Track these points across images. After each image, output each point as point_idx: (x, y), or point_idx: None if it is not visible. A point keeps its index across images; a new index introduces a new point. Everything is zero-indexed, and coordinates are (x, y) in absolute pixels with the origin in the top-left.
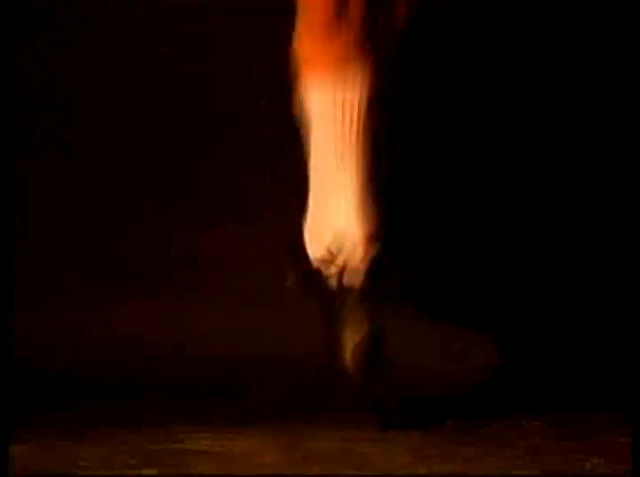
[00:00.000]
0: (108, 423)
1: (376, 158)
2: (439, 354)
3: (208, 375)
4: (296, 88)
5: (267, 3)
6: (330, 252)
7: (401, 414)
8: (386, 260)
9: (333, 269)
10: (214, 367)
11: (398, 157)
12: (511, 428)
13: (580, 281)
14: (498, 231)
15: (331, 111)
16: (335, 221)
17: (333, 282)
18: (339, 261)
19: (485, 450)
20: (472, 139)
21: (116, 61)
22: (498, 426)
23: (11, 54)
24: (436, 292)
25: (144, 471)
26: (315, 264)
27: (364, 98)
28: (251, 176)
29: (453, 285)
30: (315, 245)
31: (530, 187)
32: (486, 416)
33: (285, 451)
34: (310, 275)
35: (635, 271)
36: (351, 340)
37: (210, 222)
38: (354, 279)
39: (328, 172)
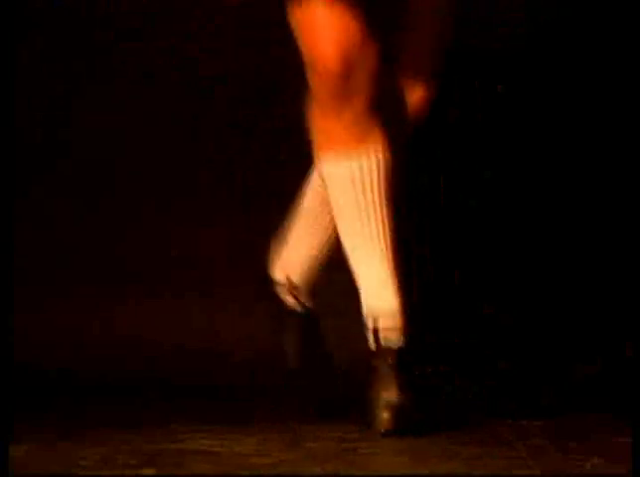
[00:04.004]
0: (108, 423)
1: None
2: (438, 354)
3: (208, 375)
4: (315, 158)
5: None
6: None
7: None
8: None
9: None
10: (214, 367)
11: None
12: (511, 428)
13: (581, 282)
14: (499, 232)
15: (349, 177)
16: (369, 290)
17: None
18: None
19: (485, 450)
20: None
21: (116, 61)
22: (498, 426)
23: (11, 54)
24: (436, 293)
25: (144, 471)
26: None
27: (382, 161)
28: (252, 176)
29: (453, 286)
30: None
31: (529, 190)
32: (486, 416)
33: (285, 451)
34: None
35: (635, 272)
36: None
37: (210, 222)
38: (390, 341)
39: (355, 236)
